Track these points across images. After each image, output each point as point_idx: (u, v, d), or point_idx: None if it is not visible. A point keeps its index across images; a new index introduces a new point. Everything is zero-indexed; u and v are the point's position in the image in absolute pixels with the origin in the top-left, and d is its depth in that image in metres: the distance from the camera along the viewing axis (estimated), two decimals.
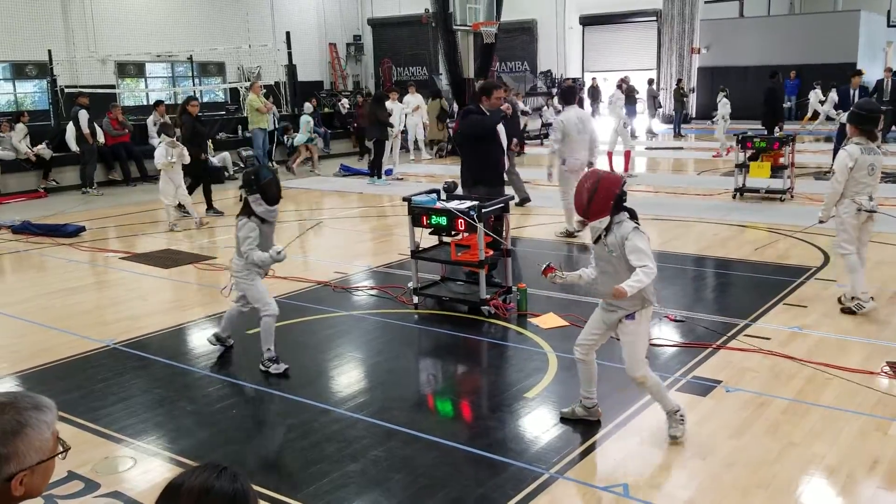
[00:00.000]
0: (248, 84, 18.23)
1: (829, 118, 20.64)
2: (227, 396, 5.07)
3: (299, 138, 16.91)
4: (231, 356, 5.82)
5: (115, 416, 4.77)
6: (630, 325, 4.09)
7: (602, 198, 3.95)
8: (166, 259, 8.88)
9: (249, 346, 5.90)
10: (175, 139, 10.48)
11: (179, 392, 5.16)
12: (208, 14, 25.66)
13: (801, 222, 9.26)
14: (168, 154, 10.39)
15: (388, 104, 15.56)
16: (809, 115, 20.92)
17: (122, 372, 5.52)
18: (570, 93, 9.67)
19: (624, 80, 15.85)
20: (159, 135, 11.22)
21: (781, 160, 11.30)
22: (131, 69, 25.11)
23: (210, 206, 11.71)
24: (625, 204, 4.04)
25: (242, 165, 13.53)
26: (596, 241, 4.11)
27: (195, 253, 9.20)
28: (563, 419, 4.49)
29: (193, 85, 25.19)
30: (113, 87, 22.98)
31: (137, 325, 6.52)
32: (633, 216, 4.06)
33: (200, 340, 6.27)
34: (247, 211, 5.32)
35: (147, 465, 4.17)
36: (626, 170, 14.44)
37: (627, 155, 14.73)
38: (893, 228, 8.19)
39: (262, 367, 5.39)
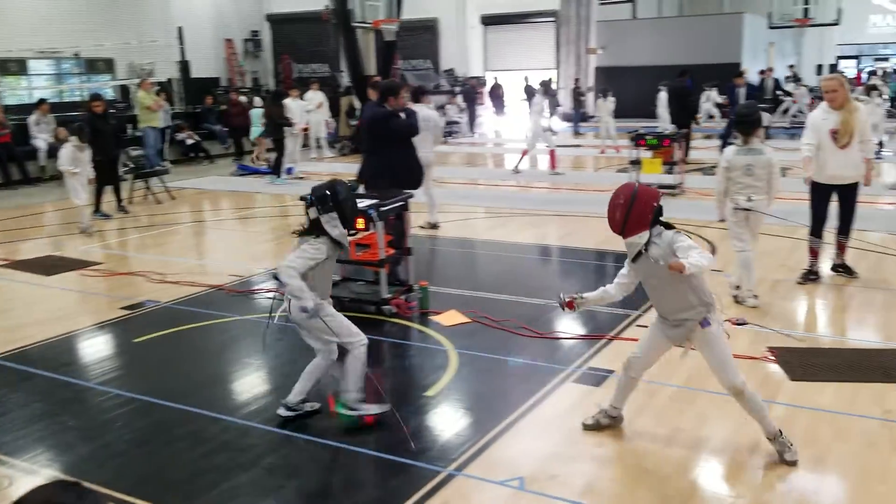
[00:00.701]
0: (138, 81, 17.56)
1: (710, 116, 21.52)
2: (112, 409, 4.82)
3: (255, 131, 16.92)
4: (118, 365, 5.56)
5: None
6: (708, 332, 3.86)
7: (640, 213, 3.73)
8: (48, 266, 8.41)
9: (137, 355, 5.66)
10: (82, 141, 10.05)
11: (62, 406, 4.88)
12: (96, 9, 24.52)
13: (690, 216, 9.61)
14: (73, 159, 9.94)
15: (289, 102, 15.28)
16: (700, 113, 21.84)
17: (0, 386, 5.19)
18: (418, 91, 10.41)
19: (544, 83, 16.10)
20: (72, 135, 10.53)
21: (672, 156, 11.71)
22: (12, 66, 23.74)
23: (97, 209, 11.19)
24: (661, 218, 3.81)
25: (131, 165, 12.96)
26: (635, 258, 3.86)
27: (79, 259, 8.74)
28: (590, 429, 4.29)
29: (81, 83, 24.06)
30: None
31: (16, 337, 6.13)
32: (668, 228, 3.83)
33: (85, 350, 5.97)
34: (319, 231, 4.40)
35: (25, 483, 3.91)
36: (552, 167, 14.65)
37: (552, 154, 14.84)
38: (774, 220, 8.58)
39: (345, 411, 4.45)
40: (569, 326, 6.07)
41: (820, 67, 27.32)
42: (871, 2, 33.26)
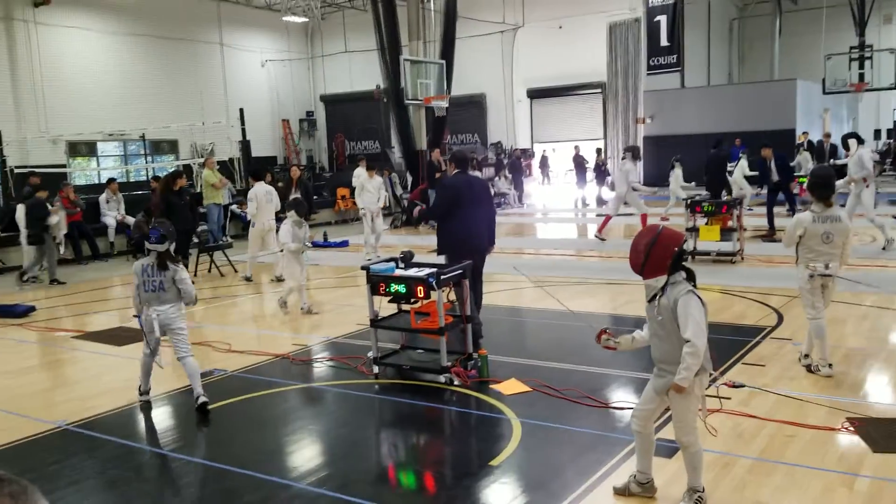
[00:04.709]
0: (201, 160, 18.25)
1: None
2: (183, 475, 4.90)
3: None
4: (189, 433, 5.65)
5: (67, 499, 4.57)
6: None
7: (659, 255, 3.82)
8: (120, 337, 8.66)
9: (207, 422, 5.76)
10: (301, 216, 9.48)
11: (135, 472, 4.98)
12: (161, 93, 25.79)
13: (752, 283, 9.48)
14: (294, 236, 9.38)
15: (365, 181, 14.67)
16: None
17: (75, 453, 5.31)
18: (257, 170, 12.66)
19: (632, 148, 15.76)
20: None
21: (729, 223, 11.62)
22: (83, 148, 24.94)
23: None
24: (684, 263, 3.90)
25: (197, 241, 13.37)
26: (651, 300, 3.95)
27: None
28: (618, 494, 4.29)
29: (146, 163, 25.10)
30: (64, 166, 22.78)
31: (90, 405, 6.30)
32: (690, 277, 3.90)
33: (156, 418, 6.09)
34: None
35: None
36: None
37: (644, 218, 13.99)
38: (845, 287, 8.40)
39: None
40: (631, 396, 5.98)
41: (878, 132, 26.96)
42: None
